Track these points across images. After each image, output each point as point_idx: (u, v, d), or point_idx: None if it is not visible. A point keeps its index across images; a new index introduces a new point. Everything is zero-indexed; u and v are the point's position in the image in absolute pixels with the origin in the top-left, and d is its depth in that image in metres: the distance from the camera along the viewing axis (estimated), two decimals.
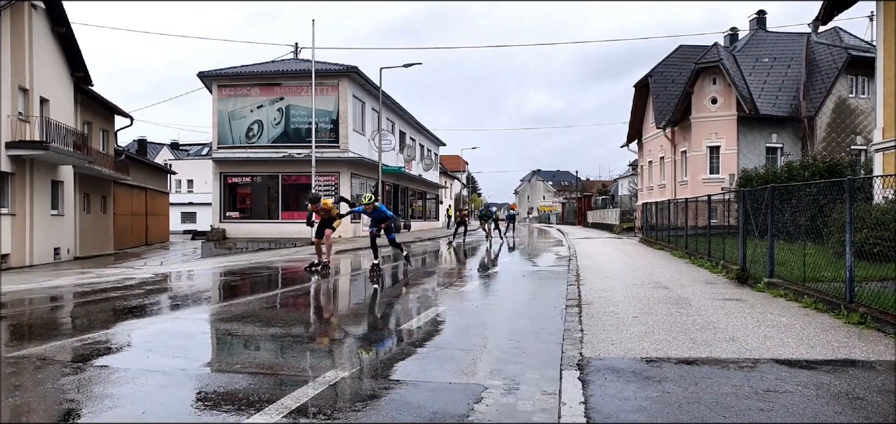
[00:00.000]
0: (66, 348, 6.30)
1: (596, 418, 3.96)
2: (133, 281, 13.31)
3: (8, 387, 4.86)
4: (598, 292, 9.96)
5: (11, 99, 20.12)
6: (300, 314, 9.13)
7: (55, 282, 13.69)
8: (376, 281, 12.87)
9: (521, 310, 8.90)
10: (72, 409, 4.36)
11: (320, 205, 14.28)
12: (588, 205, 61.29)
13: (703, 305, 8.53)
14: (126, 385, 4.94)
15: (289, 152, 30.95)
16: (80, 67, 24.61)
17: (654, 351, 5.81)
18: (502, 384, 4.94)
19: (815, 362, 5.35)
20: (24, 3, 20.77)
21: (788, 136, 29.82)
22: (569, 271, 13.71)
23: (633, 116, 39.46)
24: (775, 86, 30.53)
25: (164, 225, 40.14)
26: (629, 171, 65.50)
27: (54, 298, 11.19)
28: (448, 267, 17.09)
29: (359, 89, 33.17)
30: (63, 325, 8.33)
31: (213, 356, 6.52)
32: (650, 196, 36.51)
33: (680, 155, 33.16)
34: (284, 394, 4.59)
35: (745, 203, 11.81)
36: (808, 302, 8.17)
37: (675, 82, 33.86)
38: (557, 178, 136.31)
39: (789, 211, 10.05)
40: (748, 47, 32.91)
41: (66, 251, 23.95)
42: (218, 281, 13.51)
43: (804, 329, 6.74)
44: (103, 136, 29.09)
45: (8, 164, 19.89)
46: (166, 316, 8.87)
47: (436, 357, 5.93)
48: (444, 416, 4.16)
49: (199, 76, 32.02)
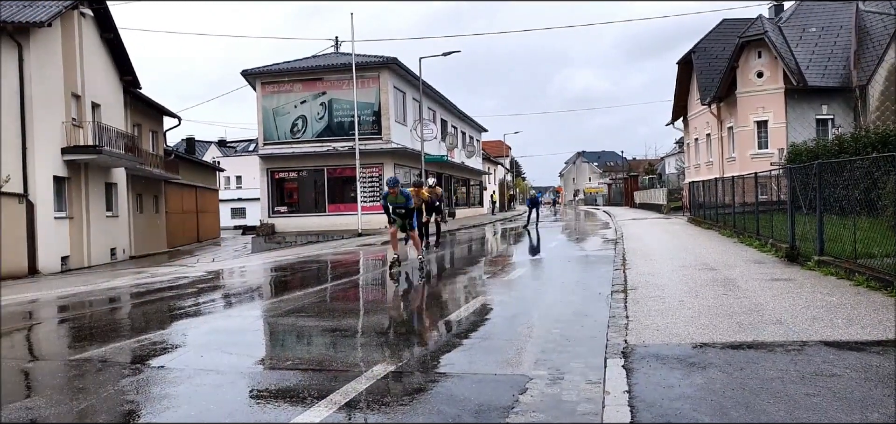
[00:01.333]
0: (125, 350, 6.58)
1: (640, 407, 3.98)
2: (186, 280, 13.74)
3: (73, 390, 5.13)
4: (643, 276, 9.89)
5: (65, 105, 20.88)
6: (349, 307, 9.32)
7: (113, 283, 14.22)
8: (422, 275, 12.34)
9: (567, 297, 8.90)
10: (132, 411, 4.58)
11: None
12: (635, 186, 60.44)
13: (751, 286, 8.40)
14: (182, 384, 5.15)
15: (333, 146, 31.34)
16: (129, 71, 25.36)
17: (699, 336, 5.77)
18: (547, 374, 4.98)
19: (864, 343, 5.25)
20: (74, 11, 21.49)
21: (839, 107, 28.84)
22: (615, 255, 13.62)
23: (677, 94, 38.69)
24: (824, 56, 29.54)
25: (215, 221, 41.14)
26: (676, 149, 64.36)
27: (112, 300, 11.64)
28: (493, 255, 17.14)
29: (399, 80, 33.35)
30: (121, 326, 8.68)
31: (266, 353, 6.73)
32: (697, 174, 35.83)
33: (726, 131, 32.42)
34: (334, 389, 4.72)
35: (793, 180, 11.54)
36: (860, 280, 7.97)
37: (718, 57, 33.05)
38: (603, 159, 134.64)
39: (841, 184, 9.77)
40: (794, 18, 31.90)
41: (122, 251, 24.80)
42: (268, 277, 13.85)
43: (854, 308, 6.59)
44: (152, 137, 29.94)
45: (64, 169, 20.67)
46: (219, 314, 9.15)
47: (481, 348, 6.01)
48: (490, 408, 4.23)
49: (243, 74, 32.64)
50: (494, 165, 70.82)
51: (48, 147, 19.84)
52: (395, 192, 12.25)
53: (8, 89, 18.81)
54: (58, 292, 13.01)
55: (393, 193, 12.25)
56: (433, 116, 38.96)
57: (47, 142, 19.80)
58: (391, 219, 12.57)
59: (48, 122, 19.83)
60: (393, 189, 12.27)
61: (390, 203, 12.37)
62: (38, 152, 19.28)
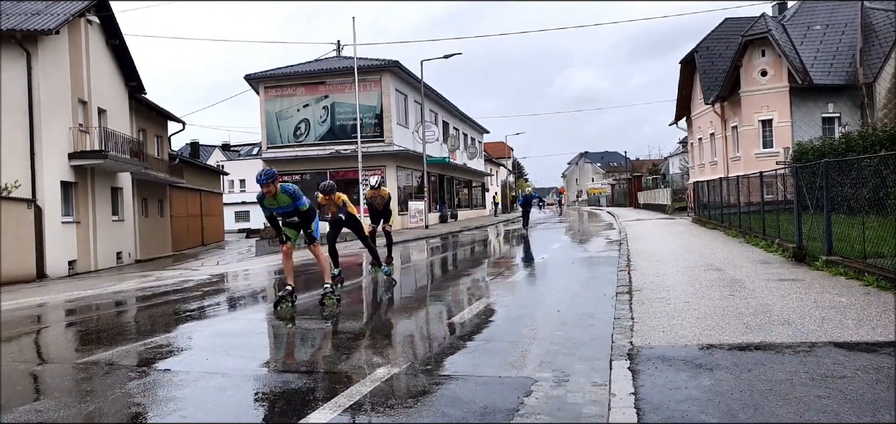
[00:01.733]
0: (132, 353, 6.59)
1: (646, 408, 3.96)
2: (191, 284, 13.76)
3: (81, 393, 5.13)
4: (649, 277, 9.85)
5: (72, 111, 20.96)
6: (353, 309, 9.30)
7: (119, 287, 14.25)
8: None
9: (571, 299, 8.87)
10: (139, 413, 4.58)
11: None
12: (638, 186, 60.27)
13: (758, 287, 8.36)
14: (188, 387, 5.15)
15: (335, 149, 31.38)
16: (134, 77, 25.46)
17: (706, 337, 5.74)
18: (552, 376, 4.96)
19: (875, 344, 5.21)
20: (81, 19, 21.58)
21: (846, 105, 28.73)
22: (619, 256, 13.58)
23: (680, 94, 38.62)
24: (829, 53, 29.45)
25: (219, 225, 41.22)
26: (680, 149, 64.21)
27: (119, 303, 11.67)
28: (496, 256, 17.12)
29: (401, 83, 33.38)
30: (128, 330, 8.69)
31: (270, 355, 6.72)
32: (702, 174, 35.74)
33: (731, 130, 32.33)
34: (339, 392, 4.72)
35: (799, 179, 11.49)
36: (870, 280, 7.92)
37: (722, 57, 32.98)
38: (606, 160, 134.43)
39: (849, 183, 9.71)
40: (798, 16, 31.81)
41: (128, 255, 24.86)
42: (272, 280, 13.85)
43: (864, 309, 6.55)
44: (157, 142, 30.03)
45: (71, 174, 20.74)
46: (224, 317, 9.16)
47: (485, 350, 5.99)
48: (494, 411, 4.21)
49: (246, 78, 32.73)
50: (496, 167, 70.81)
51: (56, 152, 19.92)
52: (270, 191, 8.29)
53: (16, 96, 18.90)
54: (65, 296, 13.05)
55: (269, 192, 8.30)
56: (435, 118, 38.98)
57: (55, 147, 19.88)
58: (281, 234, 8.82)
59: (56, 128, 19.92)
60: (267, 186, 8.26)
61: (268, 208, 8.58)
62: (46, 158, 19.36)
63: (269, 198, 8.37)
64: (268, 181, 8.23)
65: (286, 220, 8.81)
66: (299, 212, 8.69)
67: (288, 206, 8.56)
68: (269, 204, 8.48)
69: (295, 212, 8.68)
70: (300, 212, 8.69)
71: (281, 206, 8.54)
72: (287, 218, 8.80)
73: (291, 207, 8.58)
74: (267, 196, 8.33)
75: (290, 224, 8.82)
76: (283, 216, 8.78)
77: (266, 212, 8.72)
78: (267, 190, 8.25)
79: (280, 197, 8.39)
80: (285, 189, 8.44)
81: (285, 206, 8.55)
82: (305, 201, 8.68)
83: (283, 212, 8.70)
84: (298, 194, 8.53)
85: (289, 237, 8.78)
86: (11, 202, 18.13)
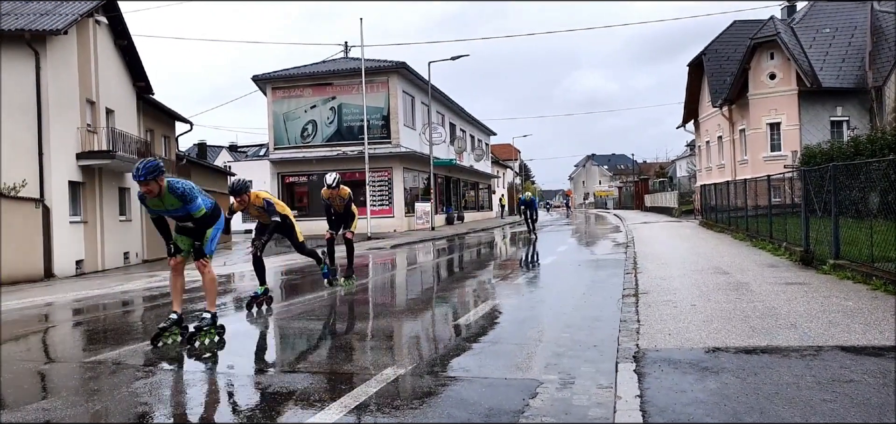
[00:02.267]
0: (138, 352, 6.61)
1: (652, 411, 3.95)
2: (198, 284, 13.78)
3: (88, 392, 5.16)
4: (655, 280, 9.83)
5: (80, 111, 21.07)
6: (359, 310, 9.32)
7: (126, 287, 14.31)
8: None
9: (577, 301, 8.86)
10: (145, 412, 4.60)
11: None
12: (645, 189, 60.18)
13: (764, 290, 8.33)
14: (194, 387, 5.17)
15: (342, 150, 31.44)
16: (142, 77, 25.56)
17: (712, 340, 5.72)
18: (557, 378, 4.96)
19: (883, 348, 5.18)
20: (89, 19, 21.69)
21: (854, 109, 28.60)
22: (626, 259, 13.56)
23: (688, 96, 38.53)
24: (838, 57, 29.32)
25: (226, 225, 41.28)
26: (687, 152, 64.00)
27: (126, 303, 11.72)
28: (502, 258, 17.11)
29: (408, 84, 33.42)
30: (135, 329, 8.73)
31: (277, 356, 6.73)
32: (709, 177, 35.63)
33: (738, 133, 32.23)
34: (345, 392, 4.73)
35: (807, 182, 11.44)
36: (878, 284, 7.89)
37: (730, 59, 32.90)
38: (613, 162, 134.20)
39: (857, 187, 9.68)
40: (807, 19, 31.69)
41: (135, 255, 24.95)
42: (278, 281, 13.88)
43: (872, 313, 6.52)
44: (165, 142, 30.13)
45: (79, 174, 20.85)
46: (230, 317, 9.17)
47: (491, 352, 5.99)
48: (500, 412, 4.21)
49: (254, 79, 32.83)
50: (503, 169, 70.80)
51: (64, 152, 20.02)
52: (152, 190, 6.39)
53: (25, 95, 19.02)
54: (73, 295, 13.11)
55: (150, 191, 6.40)
56: (442, 120, 39.00)
57: (63, 147, 19.98)
58: (169, 243, 6.94)
59: (64, 128, 20.02)
60: (148, 184, 6.32)
61: (154, 210, 6.74)
62: (54, 157, 19.45)
63: (152, 198, 6.47)
64: (148, 177, 6.27)
65: (179, 226, 7.00)
66: (192, 218, 6.78)
67: (178, 209, 6.71)
68: (153, 205, 6.61)
69: (187, 217, 6.80)
70: (194, 218, 6.77)
71: (168, 209, 6.71)
72: (180, 224, 6.99)
73: (182, 211, 6.72)
74: (148, 195, 6.41)
75: (183, 230, 6.98)
76: (176, 220, 6.99)
77: (152, 215, 6.88)
78: (147, 188, 6.33)
79: (166, 197, 6.52)
80: (173, 187, 6.53)
81: (174, 209, 6.70)
82: (200, 204, 6.73)
83: (174, 216, 6.89)
84: (191, 195, 6.62)
85: (181, 248, 6.94)
86: (19, 201, 18.23)
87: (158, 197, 6.48)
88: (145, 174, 6.24)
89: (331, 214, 11.27)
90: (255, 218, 9.39)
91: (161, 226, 6.91)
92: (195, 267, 7.05)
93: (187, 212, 6.71)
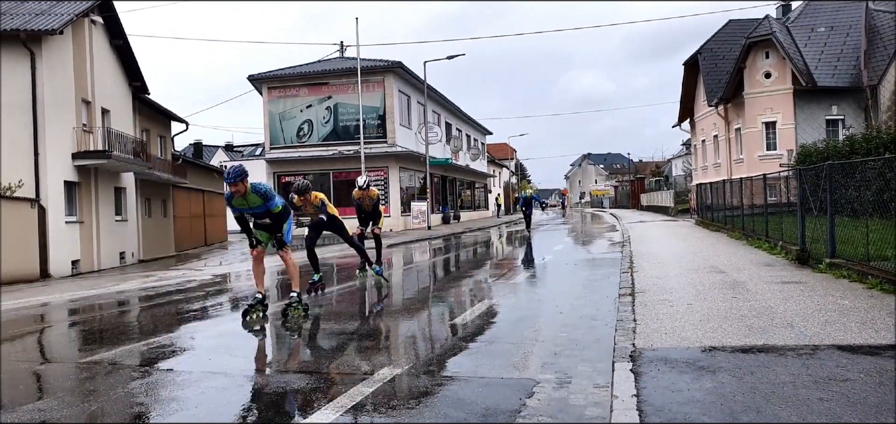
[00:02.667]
0: (134, 352, 6.60)
1: (648, 411, 3.95)
2: (194, 284, 13.77)
3: (84, 392, 5.14)
4: (651, 279, 9.85)
5: (76, 111, 21.00)
6: (355, 310, 9.31)
7: (122, 287, 14.27)
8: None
9: (574, 300, 8.86)
10: (141, 412, 4.59)
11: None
12: (641, 188, 60.22)
13: (760, 289, 8.35)
14: (190, 387, 5.16)
15: (338, 149, 31.42)
16: (138, 77, 25.49)
17: (708, 339, 5.73)
18: (554, 378, 4.96)
19: (879, 347, 5.20)
20: (85, 19, 21.62)
21: (850, 107, 28.69)
22: (622, 257, 13.57)
23: (683, 95, 38.59)
24: (833, 55, 29.39)
25: (222, 225, 41.20)
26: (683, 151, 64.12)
27: (122, 303, 11.68)
28: (498, 258, 17.11)
29: (404, 84, 33.40)
30: (131, 330, 8.71)
31: (273, 356, 6.73)
32: (705, 176, 35.70)
33: (734, 132, 32.30)
34: (341, 392, 4.72)
35: (803, 181, 11.47)
36: (873, 283, 7.91)
37: (725, 58, 32.95)
38: (609, 161, 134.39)
39: (853, 186, 9.70)
40: (802, 18, 31.77)
41: (131, 255, 24.89)
42: (275, 280, 13.86)
43: (868, 311, 6.53)
44: (161, 142, 30.06)
45: (74, 174, 20.78)
46: (226, 317, 9.17)
47: (487, 352, 5.99)
48: (496, 412, 4.21)
49: (250, 79, 32.78)
50: (499, 168, 70.83)
51: (59, 152, 19.96)
52: (240, 190, 7.55)
53: (20, 95, 18.94)
54: (68, 295, 13.07)
55: (238, 191, 7.56)
56: (438, 119, 39.00)
57: (58, 147, 19.91)
58: (251, 237, 8.07)
59: (59, 128, 19.95)
60: (236, 184, 7.51)
61: (238, 208, 7.85)
62: (49, 157, 19.39)
63: (238, 197, 7.58)
64: (237, 179, 7.47)
65: (257, 222, 8.09)
66: (271, 214, 7.94)
67: (259, 207, 7.83)
68: (238, 204, 7.71)
69: (267, 213, 7.94)
70: (272, 214, 7.95)
71: (251, 207, 7.80)
72: (258, 220, 8.08)
73: (263, 208, 7.85)
74: (236, 195, 7.55)
75: (261, 226, 8.11)
76: (255, 217, 8.04)
77: (235, 213, 7.91)
78: (236, 188, 7.49)
79: (250, 197, 7.65)
80: (256, 188, 7.68)
81: (256, 207, 7.82)
82: (278, 202, 7.95)
83: (254, 213, 7.95)
84: (271, 194, 7.83)
85: (260, 240, 8.11)
86: (15, 201, 18.17)
87: (243, 196, 7.60)
88: (235, 177, 7.48)
89: (361, 212, 12.24)
90: (308, 215, 10.30)
91: (243, 224, 8.05)
92: (279, 256, 8.29)
93: (267, 208, 7.88)
